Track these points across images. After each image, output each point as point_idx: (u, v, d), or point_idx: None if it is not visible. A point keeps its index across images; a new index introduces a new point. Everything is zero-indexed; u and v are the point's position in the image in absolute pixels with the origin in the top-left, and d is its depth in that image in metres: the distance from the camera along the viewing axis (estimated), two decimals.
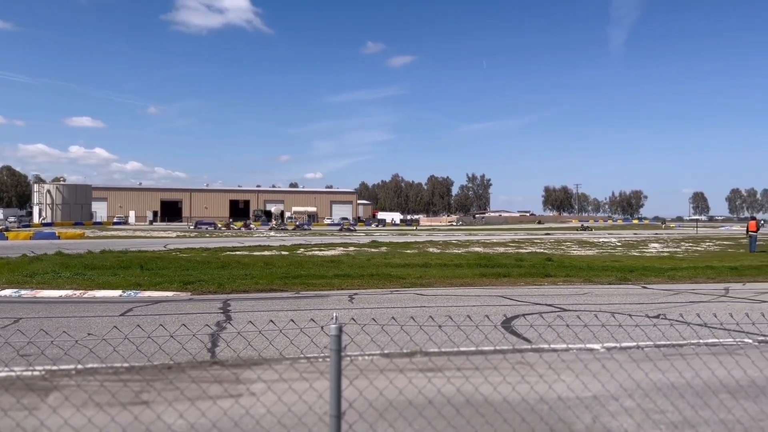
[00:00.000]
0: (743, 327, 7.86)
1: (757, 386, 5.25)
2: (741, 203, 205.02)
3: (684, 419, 4.47)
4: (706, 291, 13.08)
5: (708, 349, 6.83)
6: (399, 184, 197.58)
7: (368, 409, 4.39)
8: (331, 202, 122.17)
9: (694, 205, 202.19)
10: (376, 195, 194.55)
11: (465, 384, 5.04)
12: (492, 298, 11.79)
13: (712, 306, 10.62)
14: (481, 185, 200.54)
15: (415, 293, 12.43)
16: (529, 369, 5.78)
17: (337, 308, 10.12)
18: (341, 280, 14.31)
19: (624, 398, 4.96)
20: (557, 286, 14.15)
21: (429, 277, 15.19)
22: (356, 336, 6.69)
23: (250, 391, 5.04)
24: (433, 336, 6.74)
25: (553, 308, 10.28)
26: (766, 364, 5.87)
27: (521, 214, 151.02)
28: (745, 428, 4.27)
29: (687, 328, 7.63)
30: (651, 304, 10.88)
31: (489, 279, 15.12)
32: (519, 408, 4.64)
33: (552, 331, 6.95)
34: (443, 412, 4.45)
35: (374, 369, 5.70)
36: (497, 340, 7.26)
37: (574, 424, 4.38)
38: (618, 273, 16.57)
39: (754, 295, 12.41)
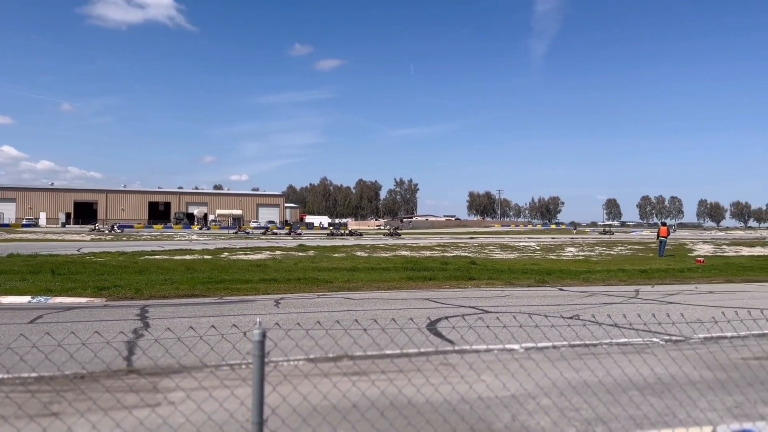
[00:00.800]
0: (651, 327, 8.34)
1: (663, 383, 5.58)
2: (651, 209, 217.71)
3: (597, 416, 4.70)
4: (617, 293, 13.79)
5: (619, 348, 7.20)
6: (327, 188, 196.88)
7: (292, 414, 4.35)
8: (257, 205, 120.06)
9: (608, 211, 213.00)
10: (305, 198, 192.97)
11: (389, 386, 5.08)
12: (418, 301, 11.95)
13: (623, 307, 11.20)
14: (408, 190, 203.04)
15: (342, 297, 12.41)
16: (451, 370, 5.89)
17: (261, 313, 9.95)
18: (267, 285, 14.08)
19: (541, 397, 5.15)
20: (480, 288, 14.52)
21: (356, 281, 15.21)
22: (281, 341, 6.61)
23: (168, 400, 4.87)
24: (359, 339, 6.75)
25: (476, 310, 10.54)
26: (671, 362, 6.25)
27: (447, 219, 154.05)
28: (651, 423, 4.53)
29: (599, 328, 8.02)
30: (567, 306, 11.36)
31: (415, 282, 15.32)
32: (441, 409, 4.73)
33: (474, 332, 7.12)
34: (367, 415, 4.47)
35: (298, 374, 5.65)
36: (421, 343, 7.36)
37: (493, 423, 4.51)
38: (537, 276, 17.19)
39: (661, 296, 13.19)
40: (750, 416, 4.65)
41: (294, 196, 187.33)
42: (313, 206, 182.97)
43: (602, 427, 4.41)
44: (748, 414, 4.74)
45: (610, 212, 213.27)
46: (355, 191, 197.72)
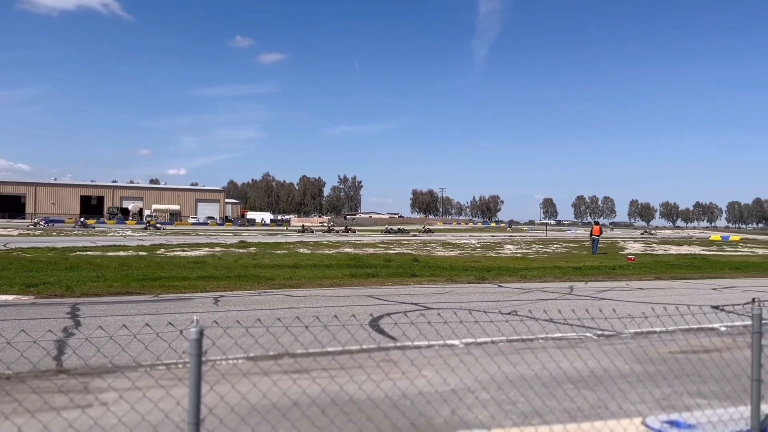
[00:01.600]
0: (584, 322, 8.62)
1: (595, 376, 5.77)
2: (585, 209, 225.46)
3: (533, 409, 4.81)
4: (553, 289, 14.21)
5: (554, 343, 7.41)
6: (270, 184, 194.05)
7: (230, 414, 4.25)
8: (196, 200, 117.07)
9: (545, 210, 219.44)
10: (246, 194, 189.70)
11: (330, 384, 5.06)
12: (360, 297, 11.95)
13: (558, 303, 11.55)
14: (352, 187, 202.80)
15: (284, 294, 12.27)
16: (393, 366, 5.91)
17: (199, 311, 9.72)
18: (206, 282, 13.76)
19: (479, 391, 5.24)
20: (422, 285, 14.66)
21: (299, 278, 15.08)
22: (219, 339, 6.46)
23: (99, 401, 4.68)
24: (300, 337, 6.69)
25: (418, 306, 10.63)
26: (603, 356, 6.48)
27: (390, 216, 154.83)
28: (585, 415, 4.67)
29: (536, 323, 8.23)
30: (505, 302, 11.62)
31: (358, 279, 15.31)
32: (382, 405, 4.73)
33: (415, 328, 7.18)
34: (308, 413, 4.42)
35: (237, 373, 5.55)
36: (364, 339, 7.36)
37: (433, 418, 4.55)
38: (477, 273, 17.52)
39: (594, 293, 13.68)
40: (677, 407, 4.87)
41: (235, 192, 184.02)
42: (254, 202, 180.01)
43: (538, 420, 4.52)
44: (675, 405, 4.97)
45: (547, 211, 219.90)
46: (298, 187, 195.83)
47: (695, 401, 5.11)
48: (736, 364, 5.78)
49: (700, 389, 5.46)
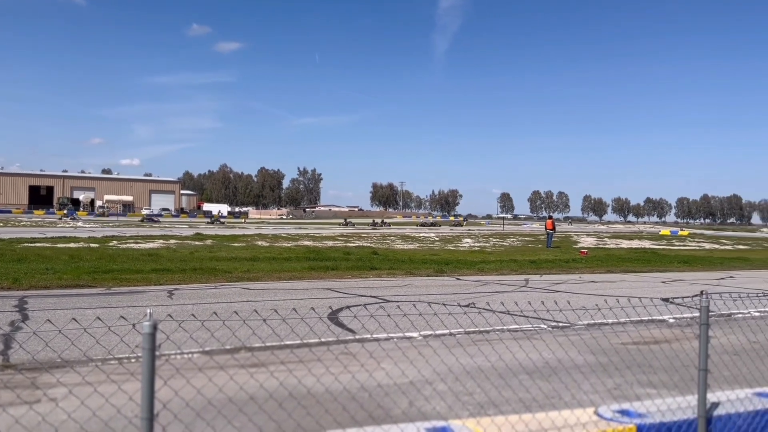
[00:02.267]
0: (540, 314, 8.79)
1: (550, 367, 5.89)
2: (540, 204, 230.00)
3: (489, 400, 4.88)
4: (509, 282, 14.44)
5: (510, 334, 7.53)
6: (227, 175, 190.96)
7: (184, 409, 4.17)
8: (150, 191, 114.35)
9: (502, 204, 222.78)
10: (202, 185, 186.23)
11: (288, 377, 5.01)
12: (319, 291, 11.89)
13: (514, 295, 11.74)
14: (312, 179, 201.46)
15: (241, 287, 12.11)
16: (352, 359, 5.91)
17: (153, 305, 9.50)
18: (160, 275, 13.46)
19: (437, 382, 5.28)
20: (382, 278, 14.69)
21: (256, 271, 14.89)
22: (173, 333, 6.33)
23: (48, 397, 4.53)
24: (257, 330, 6.60)
25: (377, 299, 10.64)
26: (557, 347, 6.62)
27: (350, 209, 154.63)
28: (539, 405, 4.76)
29: (493, 315, 8.35)
30: (463, 294, 11.74)
31: (317, 272, 15.23)
32: (341, 397, 4.72)
33: (375, 321, 7.18)
34: (265, 407, 4.37)
35: (192, 367, 5.45)
36: (322, 332, 7.33)
37: (391, 409, 4.56)
38: (435, 266, 17.65)
39: (549, 285, 13.96)
40: (628, 397, 5.01)
41: (191, 183, 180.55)
42: (211, 194, 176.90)
43: (494, 410, 4.58)
44: (626, 395, 5.11)
45: (504, 205, 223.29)
46: (256, 179, 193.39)
47: (645, 391, 5.27)
48: (684, 355, 5.99)
49: (650, 379, 5.63)
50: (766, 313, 10.11)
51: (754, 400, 3.86)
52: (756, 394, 4.01)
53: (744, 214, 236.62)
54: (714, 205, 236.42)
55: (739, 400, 3.80)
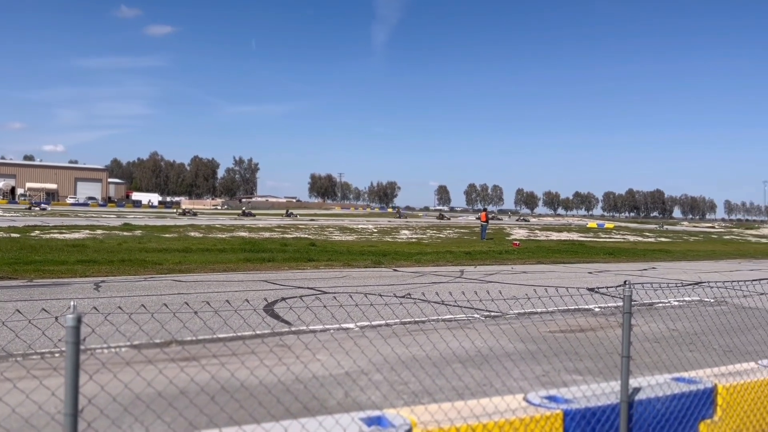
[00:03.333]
0: (473, 304, 8.98)
1: (482, 355, 6.03)
2: (476, 197, 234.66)
3: (423, 388, 4.95)
4: (445, 273, 14.68)
5: (445, 324, 7.66)
6: (158, 163, 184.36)
7: (111, 404, 4.01)
8: (75, 179, 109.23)
9: (439, 197, 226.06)
10: (132, 174, 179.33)
11: (221, 370, 4.91)
12: (255, 282, 11.71)
13: (449, 286, 11.94)
14: (248, 169, 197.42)
15: (172, 279, 11.76)
16: (287, 351, 5.85)
17: (78, 297, 9.10)
18: (86, 267, 12.90)
19: (373, 373, 5.31)
20: (319, 270, 14.61)
21: (189, 263, 14.51)
22: (99, 327, 6.09)
23: None
24: (189, 323, 6.42)
25: (314, 291, 10.59)
26: (489, 336, 6.78)
27: (288, 200, 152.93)
28: (471, 393, 4.87)
29: (428, 305, 8.47)
30: (400, 285, 11.85)
31: (253, 264, 15.00)
32: (275, 390, 4.67)
33: (310, 312, 7.14)
34: (196, 401, 4.27)
35: (120, 362, 5.25)
36: (257, 324, 7.22)
37: (326, 400, 4.55)
38: (373, 257, 17.73)
39: (483, 276, 14.28)
40: (555, 383, 5.20)
41: (119, 171, 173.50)
42: (141, 183, 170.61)
43: (428, 399, 4.65)
44: (554, 381, 5.30)
45: (441, 198, 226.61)
46: (189, 168, 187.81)
47: (572, 377, 5.48)
48: (608, 342, 6.26)
49: (577, 366, 5.86)
50: (684, 302, 10.71)
51: (672, 384, 4.07)
52: (674, 378, 4.24)
53: (666, 208, 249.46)
54: (638, 199, 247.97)
55: (658, 385, 4.00)
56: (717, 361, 5.56)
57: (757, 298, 10.30)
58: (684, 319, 8.08)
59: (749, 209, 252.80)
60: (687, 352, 6.44)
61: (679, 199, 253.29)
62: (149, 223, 37.87)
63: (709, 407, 4.12)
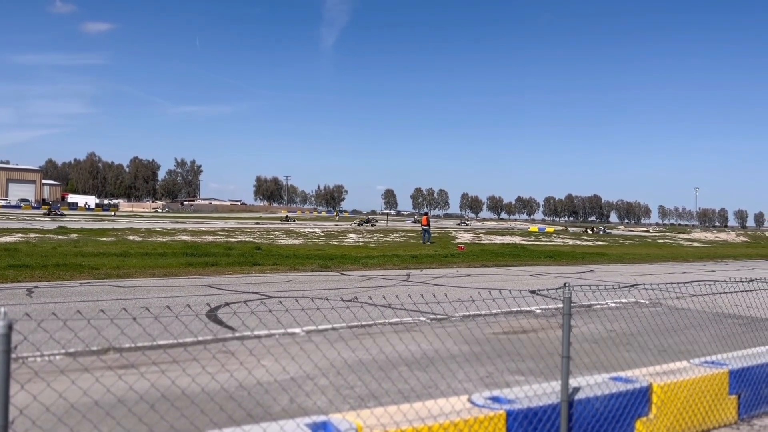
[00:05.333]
0: (419, 307, 9.06)
1: (428, 358, 6.08)
2: (422, 200, 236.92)
3: (369, 392, 4.95)
4: (392, 276, 14.75)
5: (391, 327, 7.69)
6: (96, 164, 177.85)
7: (44, 414, 3.84)
8: (7, 180, 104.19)
9: (386, 201, 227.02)
10: (67, 175, 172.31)
11: (161, 378, 4.78)
12: (197, 287, 11.44)
13: (396, 289, 12.00)
14: (191, 171, 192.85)
15: (110, 285, 11.36)
16: (230, 357, 5.74)
17: (9, 303, 8.67)
18: (17, 272, 12.31)
19: (319, 377, 5.27)
20: (265, 274, 14.42)
21: (127, 267, 14.05)
22: (32, 334, 5.82)
23: None
24: (127, 330, 6.22)
25: (259, 295, 10.43)
26: (435, 338, 6.85)
27: (232, 203, 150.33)
28: (417, 395, 4.90)
29: (375, 309, 8.48)
30: (347, 289, 11.83)
31: (196, 268, 14.65)
32: (217, 397, 4.57)
33: (255, 317, 7.03)
34: (135, 409, 4.14)
35: (54, 370, 5.04)
36: (199, 331, 7.05)
37: (271, 407, 4.49)
38: (320, 261, 17.63)
39: (429, 279, 14.42)
40: (499, 384, 5.29)
41: (54, 172, 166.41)
42: (77, 184, 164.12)
43: (374, 402, 4.65)
44: (497, 382, 5.40)
45: (388, 202, 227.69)
46: (129, 170, 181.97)
47: (514, 378, 5.60)
48: (549, 343, 6.43)
49: (519, 367, 5.99)
50: (621, 303, 11.11)
51: (610, 384, 4.22)
52: (612, 378, 4.39)
53: (603, 213, 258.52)
54: (577, 204, 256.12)
55: (597, 385, 4.14)
56: (652, 360, 5.79)
57: (689, 299, 10.82)
58: (621, 320, 8.39)
59: (681, 214, 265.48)
60: (624, 352, 6.68)
61: (615, 204, 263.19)
62: (86, 226, 36.46)
63: (645, 405, 4.29)
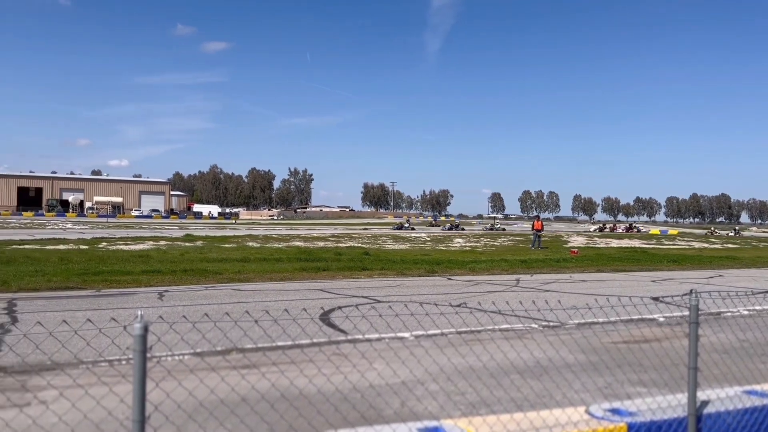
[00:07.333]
0: (531, 313, 8.82)
1: (541, 366, 5.92)
2: (531, 203, 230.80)
3: (481, 399, 4.89)
4: (501, 281, 14.48)
5: (502, 334, 7.56)
6: (218, 176, 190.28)
7: (176, 411, 4.15)
8: (140, 192, 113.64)
9: (493, 204, 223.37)
10: (192, 186, 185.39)
11: (280, 378, 5.00)
12: (311, 291, 11.87)
13: (505, 295, 11.77)
14: (303, 180, 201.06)
15: (232, 289, 12.07)
16: (343, 359, 5.90)
17: (144, 306, 9.45)
18: (150, 277, 13.39)
19: (429, 382, 5.29)
20: (373, 278, 14.68)
21: (247, 272, 14.85)
22: (164, 335, 6.30)
23: (38, 399, 4.49)
24: (249, 331, 6.58)
25: (369, 300, 10.64)
26: (548, 346, 6.65)
27: (341, 210, 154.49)
28: (531, 404, 4.78)
29: (485, 314, 8.38)
30: (455, 294, 11.77)
31: (309, 273, 15.21)
32: (333, 398, 4.72)
33: (366, 321, 7.18)
34: (257, 408, 4.36)
35: (184, 369, 5.43)
36: (314, 333, 7.31)
37: (383, 410, 4.56)
38: (427, 266, 17.67)
39: (540, 285, 14.01)
40: (619, 396, 5.04)
41: (181, 184, 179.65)
42: (201, 195, 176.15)
43: (486, 410, 4.60)
44: (617, 394, 5.14)
45: (495, 205, 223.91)
46: (247, 180, 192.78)
47: (636, 389, 5.30)
48: (674, 353, 6.03)
49: (641, 378, 5.66)
50: (755, 311, 10.20)
51: (743, 397, 3.89)
52: (746, 392, 4.05)
53: (733, 213, 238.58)
54: (703, 204, 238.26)
55: (728, 398, 3.83)
56: None
57: None
58: (755, 329, 7.70)
59: None
60: (759, 363, 6.13)
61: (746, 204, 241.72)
62: (209, 233, 39.01)
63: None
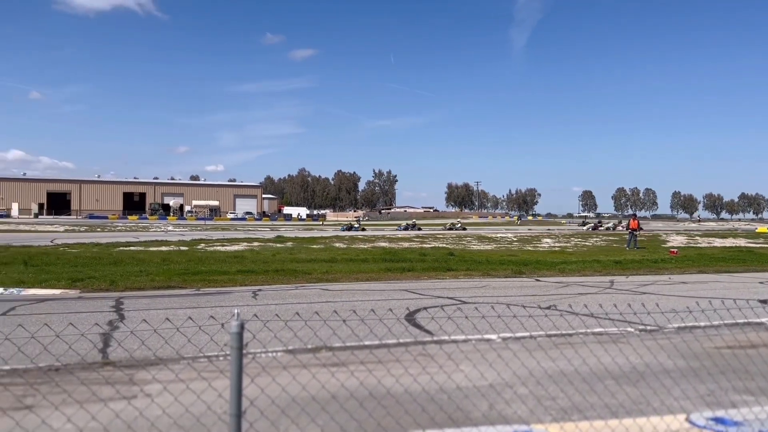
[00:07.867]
0: (626, 317, 8.46)
1: (638, 372, 5.66)
2: (625, 201, 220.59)
3: (573, 405, 4.75)
4: (593, 283, 13.96)
5: (594, 337, 7.29)
6: (305, 179, 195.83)
7: (270, 406, 4.32)
8: (234, 195, 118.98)
9: (583, 203, 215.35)
10: (282, 189, 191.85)
11: (368, 377, 5.08)
12: (396, 292, 11.96)
13: (598, 297, 11.34)
14: (387, 181, 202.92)
15: (320, 288, 12.38)
16: (430, 360, 5.91)
17: (239, 305, 9.88)
18: (244, 276, 13.99)
19: (518, 386, 5.19)
20: (458, 279, 14.59)
21: (335, 272, 15.18)
22: (259, 333, 6.57)
23: (144, 392, 4.81)
24: (338, 330, 6.74)
25: (454, 301, 10.58)
26: (645, 351, 6.35)
27: (425, 210, 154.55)
28: (626, 411, 4.59)
29: (576, 318, 8.11)
30: (543, 296, 11.47)
31: (394, 273, 15.33)
32: (420, 398, 4.74)
33: (452, 322, 7.16)
34: (346, 405, 4.46)
35: (277, 366, 5.63)
36: (400, 333, 7.37)
37: (471, 412, 4.53)
38: (514, 266, 17.33)
39: (636, 287, 13.39)
40: (722, 404, 4.74)
41: (272, 187, 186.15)
42: (291, 197, 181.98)
43: (578, 416, 4.46)
44: (720, 402, 4.84)
45: (586, 204, 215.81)
46: (333, 182, 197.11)
47: (742, 398, 4.96)
48: None
49: (747, 385, 5.30)
50: None
51: None
52: None
53: None
54: None
55: None
56: None
57: None
58: None
59: None
60: None
61: None
62: (299, 235, 40.19)
63: None
